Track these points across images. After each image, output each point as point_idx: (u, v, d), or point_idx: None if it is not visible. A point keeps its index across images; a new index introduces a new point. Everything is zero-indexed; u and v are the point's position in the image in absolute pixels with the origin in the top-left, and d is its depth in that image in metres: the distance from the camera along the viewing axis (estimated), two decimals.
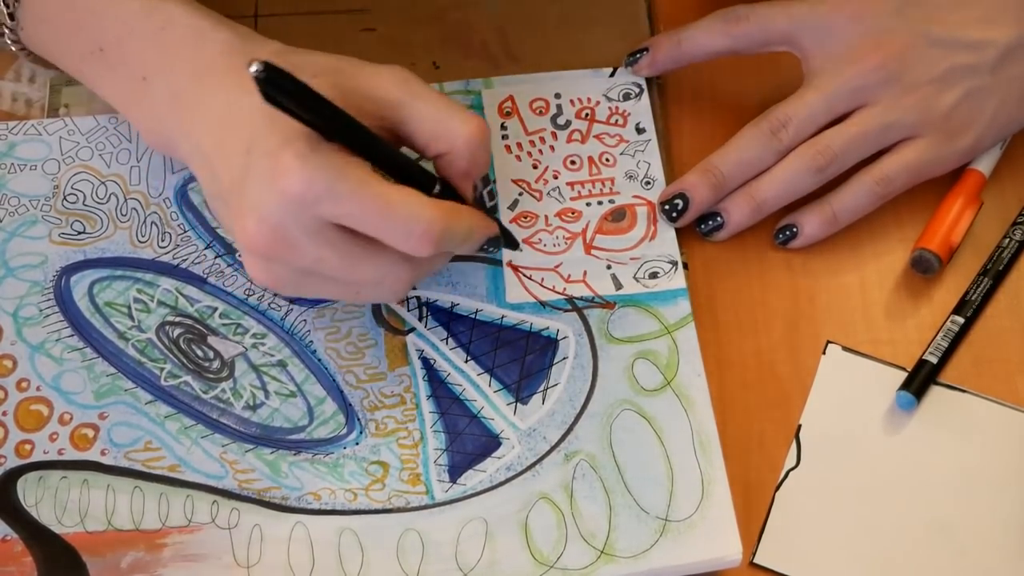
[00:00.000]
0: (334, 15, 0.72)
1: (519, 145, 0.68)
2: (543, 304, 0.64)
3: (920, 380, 0.62)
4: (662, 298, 0.64)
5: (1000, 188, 0.68)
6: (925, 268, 0.65)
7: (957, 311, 0.64)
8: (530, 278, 0.64)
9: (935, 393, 0.63)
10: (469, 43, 0.72)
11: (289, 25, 0.72)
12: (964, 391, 0.63)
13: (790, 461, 0.62)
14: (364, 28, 0.72)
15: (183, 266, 0.64)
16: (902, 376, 0.63)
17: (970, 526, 0.60)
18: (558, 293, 0.64)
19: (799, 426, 0.62)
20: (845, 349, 0.64)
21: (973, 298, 0.64)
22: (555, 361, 0.62)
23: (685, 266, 0.65)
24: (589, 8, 0.73)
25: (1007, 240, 0.66)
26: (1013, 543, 0.60)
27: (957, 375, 0.64)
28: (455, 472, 0.60)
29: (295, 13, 0.72)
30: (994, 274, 0.65)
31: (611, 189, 0.67)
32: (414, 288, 0.64)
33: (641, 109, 0.69)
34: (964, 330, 0.64)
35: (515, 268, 0.65)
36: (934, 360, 0.63)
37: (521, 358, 0.63)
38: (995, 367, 0.64)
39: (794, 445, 0.62)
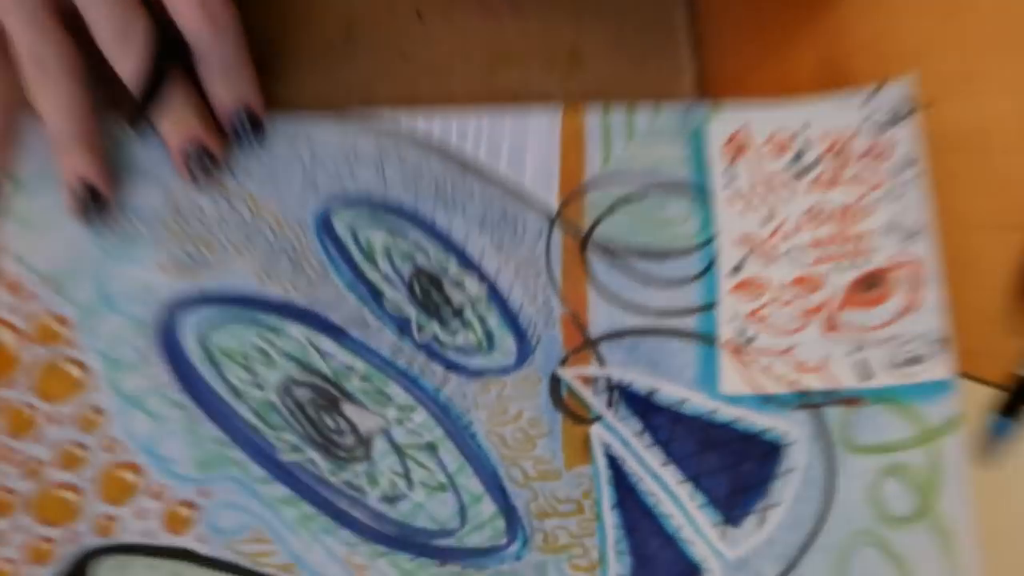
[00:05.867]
0: None
1: (750, 192, 0.53)
2: (768, 398, 0.50)
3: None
4: (922, 392, 0.49)
5: None
6: None
7: None
8: (754, 363, 0.50)
9: None
10: None
11: None
12: None
13: None
14: None
15: (317, 310, 0.52)
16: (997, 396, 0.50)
17: None
18: (788, 384, 0.50)
19: None
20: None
21: None
22: (779, 473, 0.48)
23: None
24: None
25: None
26: None
27: None
28: None
29: None
30: None
31: (865, 248, 0.52)
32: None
33: (907, 136, 0.53)
34: None
35: (735, 350, 0.50)
36: None
37: (735, 466, 0.49)
38: None
39: None
